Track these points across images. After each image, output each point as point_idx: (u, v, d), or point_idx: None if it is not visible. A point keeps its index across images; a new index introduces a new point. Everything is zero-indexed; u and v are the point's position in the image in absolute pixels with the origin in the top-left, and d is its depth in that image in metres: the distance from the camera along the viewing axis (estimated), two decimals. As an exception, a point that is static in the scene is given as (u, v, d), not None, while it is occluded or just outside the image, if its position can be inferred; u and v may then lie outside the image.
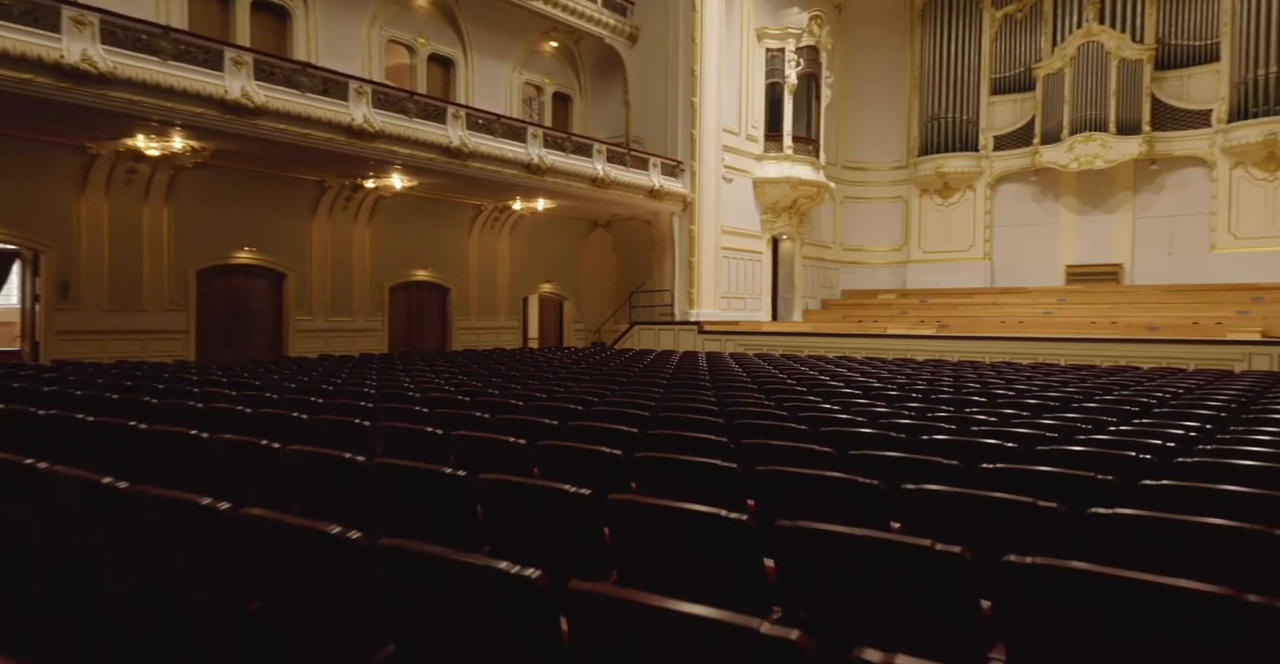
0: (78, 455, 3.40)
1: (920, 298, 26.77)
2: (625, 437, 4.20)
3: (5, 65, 10.04)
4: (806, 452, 3.78)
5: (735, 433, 4.60)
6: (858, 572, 2.17)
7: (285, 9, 16.31)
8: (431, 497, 2.79)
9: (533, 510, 2.55)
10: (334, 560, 1.92)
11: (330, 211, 16.76)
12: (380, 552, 1.85)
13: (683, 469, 3.21)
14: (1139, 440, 4.36)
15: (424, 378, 9.37)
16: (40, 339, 13.14)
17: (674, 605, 1.46)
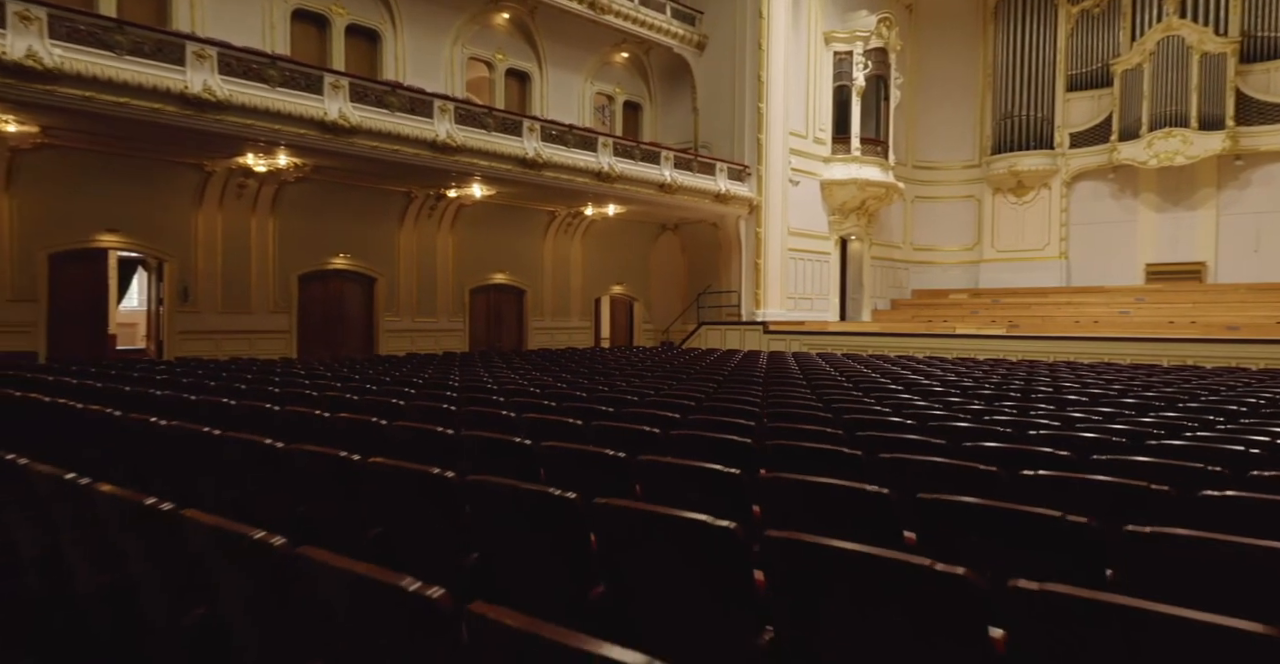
0: (240, 428, 4.32)
1: (992, 297, 26.60)
2: (667, 420, 4.93)
3: (140, 96, 11.42)
4: (831, 453, 4.28)
5: (763, 422, 5.26)
6: (851, 588, 1.94)
7: (376, 32, 17.61)
8: (505, 457, 3.57)
9: (580, 467, 3.31)
10: (435, 491, 2.72)
11: (416, 220, 17.99)
12: (469, 486, 2.64)
13: (707, 444, 3.91)
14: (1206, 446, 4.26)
15: (501, 373, 10.29)
16: (164, 339, 14.68)
17: (673, 512, 2.18)
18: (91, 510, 2.48)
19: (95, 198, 13.57)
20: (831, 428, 4.66)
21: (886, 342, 20.23)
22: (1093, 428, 4.93)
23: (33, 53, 10.47)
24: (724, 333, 22.30)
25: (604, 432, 4.38)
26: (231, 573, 1.96)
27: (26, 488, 2.86)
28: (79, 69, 10.85)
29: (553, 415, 5.13)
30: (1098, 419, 5.59)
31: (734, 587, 2.09)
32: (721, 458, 3.38)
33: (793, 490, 2.81)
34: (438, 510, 2.71)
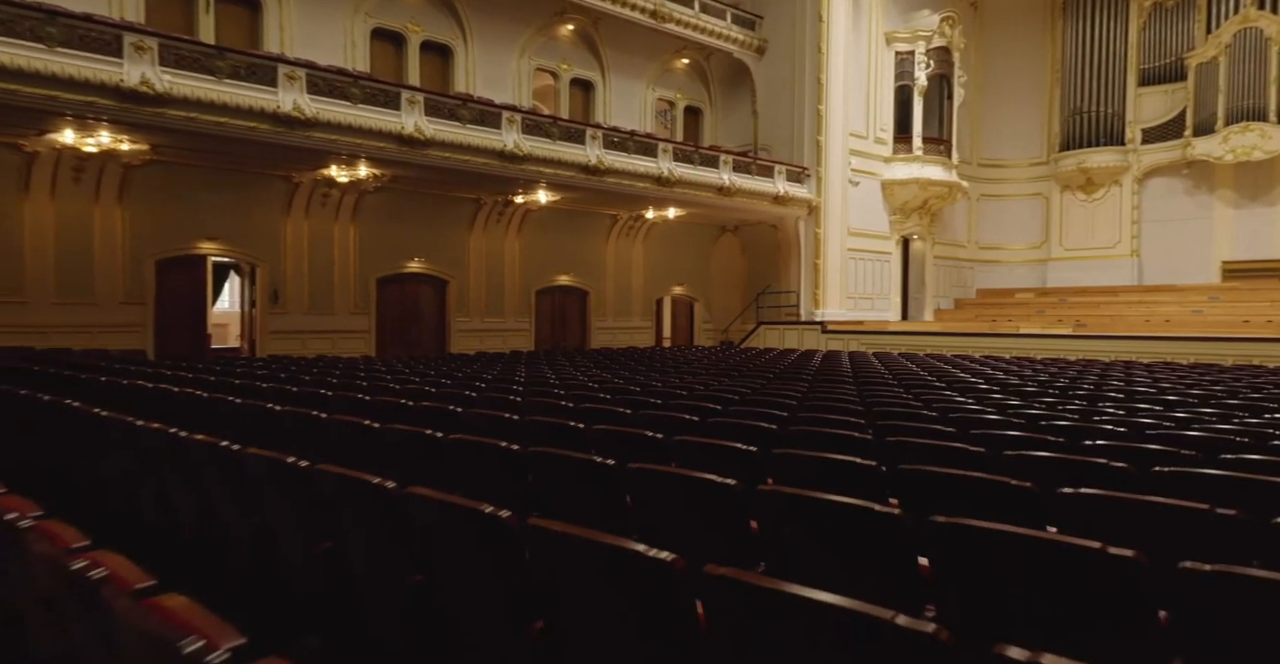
0: (338, 413, 5.05)
1: (1060, 296, 26.22)
2: (708, 410, 5.48)
3: (237, 116, 12.50)
4: (845, 438, 4.85)
5: (796, 414, 5.76)
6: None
7: (448, 47, 18.58)
8: (562, 437, 4.18)
9: (623, 445, 3.89)
10: (503, 460, 3.35)
11: (485, 225, 18.89)
12: (531, 455, 3.25)
13: (737, 429, 4.46)
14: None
15: (563, 370, 10.97)
16: (256, 338, 15.87)
17: (686, 472, 2.75)
18: (239, 470, 3.19)
19: (196, 208, 14.79)
20: (856, 418, 5.14)
21: (947, 341, 20.27)
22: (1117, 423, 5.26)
23: (146, 79, 11.61)
24: (782, 332, 22.64)
25: (650, 419, 4.96)
26: (353, 511, 2.60)
27: (183, 455, 3.60)
28: (185, 93, 11.96)
29: (606, 405, 5.74)
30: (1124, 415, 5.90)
31: (733, 526, 2.64)
32: (748, 441, 3.92)
33: (799, 463, 3.33)
34: (507, 474, 3.33)
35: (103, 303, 13.97)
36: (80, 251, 13.73)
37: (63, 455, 4.36)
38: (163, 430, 3.64)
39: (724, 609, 1.64)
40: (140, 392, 6.23)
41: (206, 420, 4.55)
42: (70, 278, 13.65)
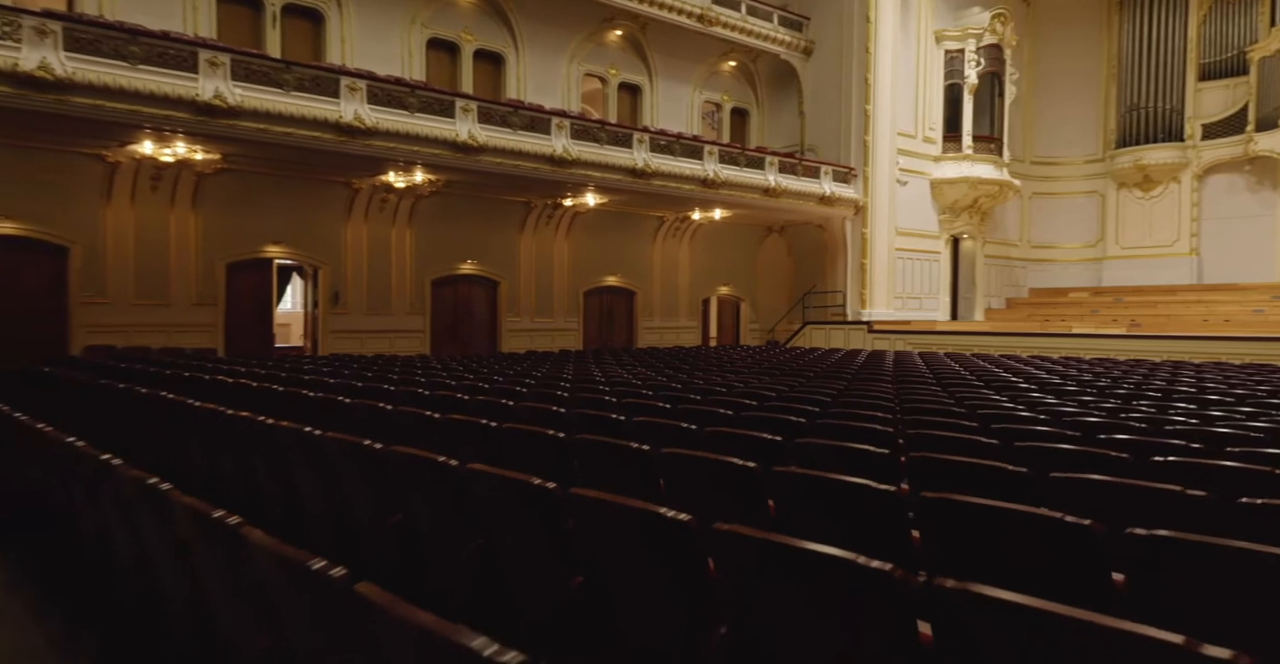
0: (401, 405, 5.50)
1: (1115, 296, 25.77)
2: (743, 405, 5.79)
3: (303, 126, 13.18)
4: (867, 430, 5.13)
5: (828, 409, 6.03)
6: (992, 539, 2.27)
7: (500, 55, 19.15)
8: (604, 428, 4.55)
9: (658, 435, 4.23)
10: (551, 448, 3.72)
11: (535, 227, 19.41)
12: (576, 443, 3.62)
13: (768, 422, 4.76)
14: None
15: (609, 369, 11.35)
16: (318, 337, 16.62)
17: (714, 456, 3.08)
18: (319, 453, 3.62)
19: (263, 214, 15.57)
20: (884, 413, 5.40)
21: (996, 341, 20.14)
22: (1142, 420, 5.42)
23: (219, 93, 12.34)
24: (828, 332, 22.72)
25: (687, 413, 5.29)
26: (421, 486, 3.00)
27: (269, 440, 4.06)
28: (255, 105, 12.67)
29: (647, 401, 6.09)
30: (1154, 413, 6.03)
31: (752, 503, 2.97)
32: (775, 432, 4.23)
33: (818, 451, 3.63)
34: (554, 458, 3.70)
35: (177, 304, 14.82)
36: (157, 255, 14.59)
37: (163, 442, 4.87)
38: (251, 418, 4.10)
39: (729, 560, 1.97)
40: (222, 385, 6.79)
41: (284, 411, 5.02)
42: (148, 280, 14.51)
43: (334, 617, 1.51)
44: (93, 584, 3.23)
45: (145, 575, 2.55)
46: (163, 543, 2.30)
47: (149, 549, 2.46)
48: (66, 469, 3.13)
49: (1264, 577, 1.79)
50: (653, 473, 3.30)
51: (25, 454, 3.86)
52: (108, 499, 2.72)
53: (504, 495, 2.62)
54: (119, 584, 2.81)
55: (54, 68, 11.00)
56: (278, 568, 1.70)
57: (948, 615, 1.57)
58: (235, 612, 1.99)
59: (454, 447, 4.30)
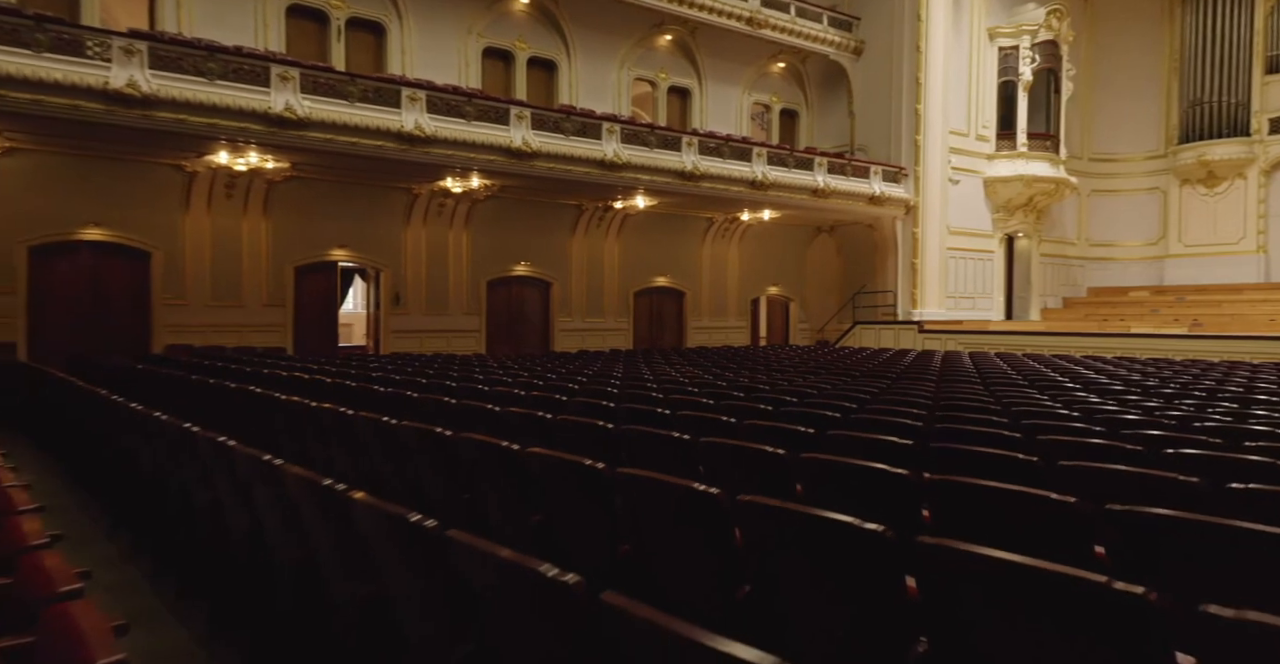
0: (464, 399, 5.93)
1: (1177, 295, 25.16)
2: (783, 401, 6.08)
3: (366, 136, 13.83)
4: (897, 424, 5.36)
5: (866, 405, 6.28)
6: (989, 514, 2.49)
7: (553, 62, 19.66)
8: (650, 420, 4.90)
9: (700, 427, 4.56)
10: (600, 438, 4.10)
11: (586, 229, 19.87)
12: (624, 433, 3.98)
13: (804, 416, 5.06)
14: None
15: (658, 367, 11.70)
16: (380, 337, 17.33)
17: (750, 445, 3.41)
18: (394, 440, 4.05)
19: (328, 219, 16.32)
20: (920, 409, 5.64)
21: (1050, 341, 19.92)
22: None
23: (289, 106, 13.05)
24: (878, 332, 22.71)
25: (729, 408, 5.60)
26: (487, 467, 3.39)
27: (348, 429, 4.50)
28: (322, 116, 13.36)
29: (692, 397, 6.42)
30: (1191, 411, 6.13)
31: (782, 486, 3.28)
32: (809, 425, 4.53)
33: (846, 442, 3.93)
34: (603, 446, 4.07)
35: (249, 305, 15.64)
36: (231, 259, 15.43)
37: (254, 432, 5.38)
38: (334, 409, 4.56)
39: (752, 528, 2.31)
40: (299, 381, 7.33)
41: (358, 404, 5.49)
42: (222, 283, 15.36)
43: (427, 558, 1.89)
44: (202, 554, 3.70)
45: (256, 541, 2.98)
46: (275, 510, 2.72)
47: (261, 517, 2.90)
48: (183, 453, 3.60)
49: (1217, 541, 2.05)
50: (692, 459, 3.64)
51: (140, 440, 4.37)
52: (223, 477, 3.17)
53: (559, 475, 2.99)
54: (230, 551, 3.26)
55: (140, 85, 11.80)
56: (379, 523, 2.09)
57: (929, 569, 1.88)
58: (339, 564, 2.40)
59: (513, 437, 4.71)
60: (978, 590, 1.77)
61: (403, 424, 3.91)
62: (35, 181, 13.50)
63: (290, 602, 2.70)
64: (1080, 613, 1.54)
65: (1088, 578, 1.49)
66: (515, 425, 4.68)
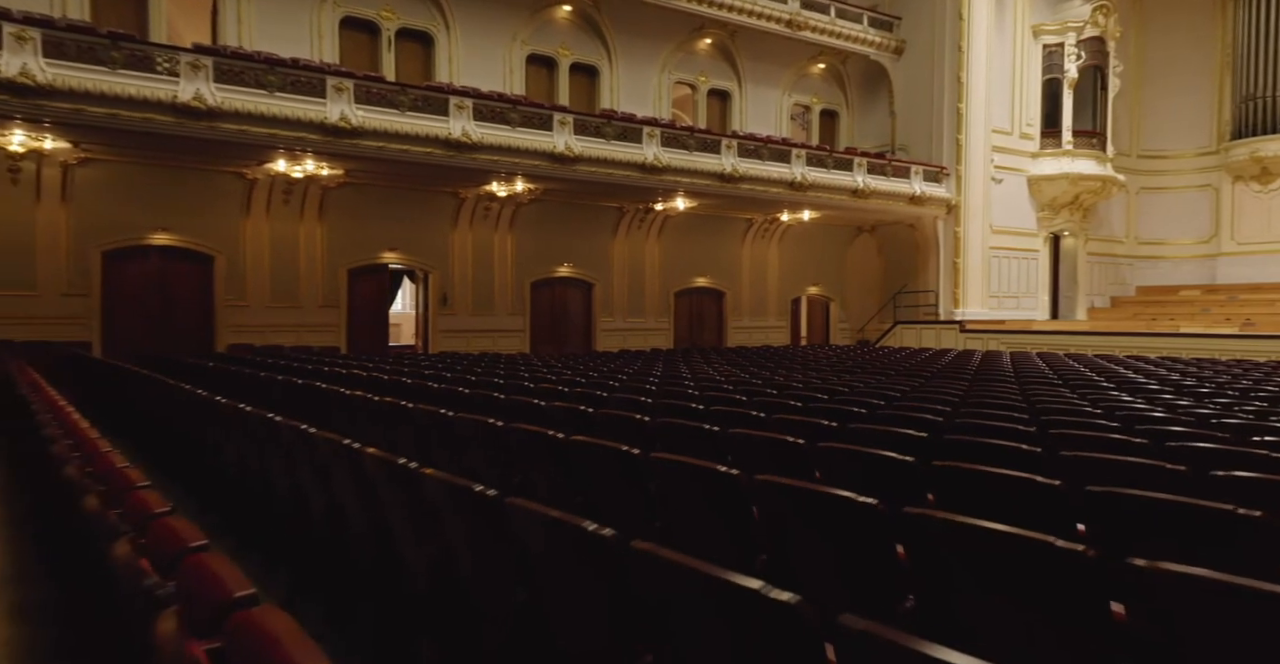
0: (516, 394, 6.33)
1: (1230, 294, 24.67)
2: (811, 397, 6.37)
3: (416, 143, 14.38)
4: (918, 419, 5.57)
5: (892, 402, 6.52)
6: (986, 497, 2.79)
7: (594, 68, 20.08)
8: (685, 414, 5.25)
9: (730, 421, 4.89)
10: (637, 429, 4.46)
11: (627, 231, 20.26)
12: (659, 425, 4.33)
13: (828, 412, 5.35)
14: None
15: (696, 366, 12.02)
16: (429, 336, 17.93)
17: (772, 435, 3.74)
18: (451, 430, 4.44)
19: (379, 223, 16.95)
20: (944, 406, 5.88)
21: (1094, 341, 19.74)
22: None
23: (344, 116, 13.65)
24: (919, 332, 22.70)
25: (760, 404, 5.91)
26: (535, 454, 3.76)
27: (407, 420, 4.92)
28: (374, 125, 13.94)
29: (726, 394, 6.74)
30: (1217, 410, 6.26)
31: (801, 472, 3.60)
32: (832, 419, 4.82)
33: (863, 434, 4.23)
34: (640, 437, 4.42)
35: (305, 306, 16.34)
36: (288, 262, 16.14)
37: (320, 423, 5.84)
38: (395, 403, 4.98)
39: (767, 504, 2.63)
40: (359, 377, 7.83)
41: (415, 398, 5.92)
42: (280, 285, 16.08)
43: (489, 522, 2.26)
44: (284, 530, 4.14)
45: (334, 516, 3.40)
46: (352, 488, 3.13)
47: (339, 494, 3.31)
48: (267, 440, 4.04)
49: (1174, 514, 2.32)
50: (720, 448, 3.96)
51: (224, 429, 4.84)
52: (303, 460, 3.60)
53: (600, 459, 3.35)
54: (310, 526, 3.68)
55: (206, 98, 12.48)
56: (447, 494, 2.46)
57: (914, 538, 2.19)
58: (410, 532, 2.79)
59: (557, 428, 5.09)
60: (954, 552, 2.08)
61: (459, 415, 4.30)
62: (108, 190, 14.32)
63: (368, 565, 3.09)
64: (1033, 568, 1.84)
65: (1035, 537, 1.79)
66: (559, 418, 5.05)
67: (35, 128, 12.28)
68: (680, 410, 5.30)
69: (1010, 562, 1.93)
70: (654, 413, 5.24)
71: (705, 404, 5.58)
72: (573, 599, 2.03)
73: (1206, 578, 1.60)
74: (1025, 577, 1.89)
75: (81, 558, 2.57)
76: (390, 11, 17.25)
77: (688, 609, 1.64)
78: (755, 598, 1.42)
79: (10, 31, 11.06)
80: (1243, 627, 1.60)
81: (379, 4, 17.13)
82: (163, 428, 6.59)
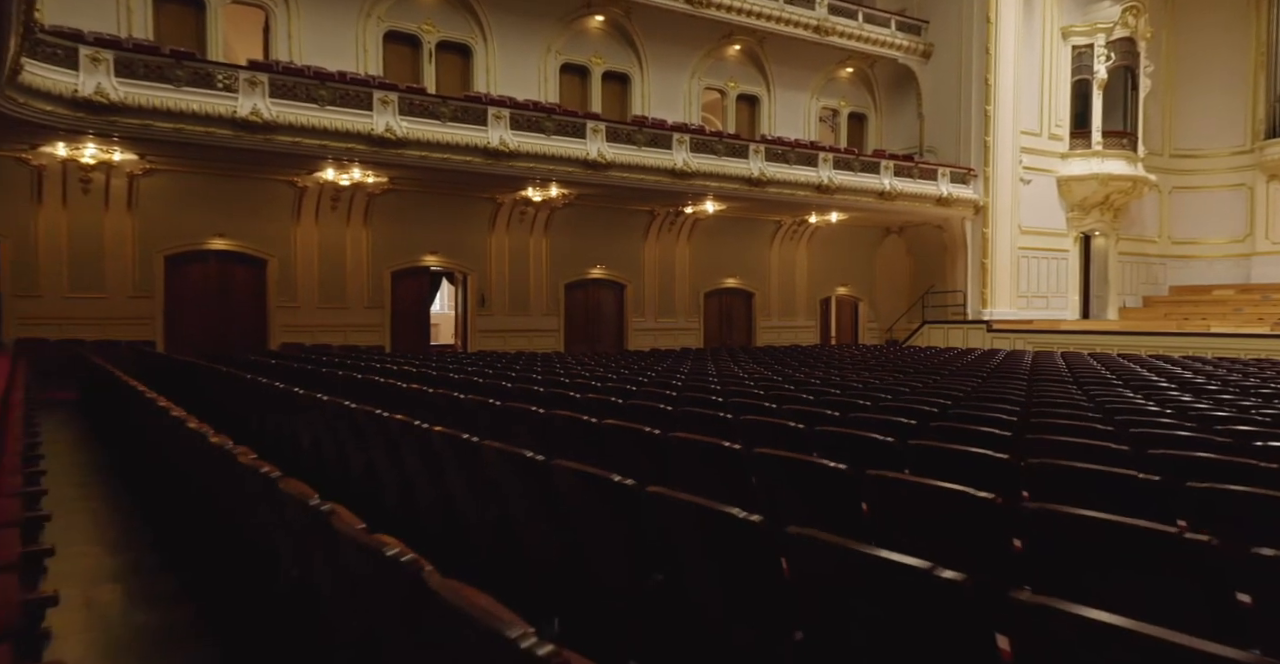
0: (553, 387, 6.95)
1: (1264, 293, 24.57)
2: (828, 393, 6.91)
3: (456, 152, 15.11)
4: (915, 410, 6.10)
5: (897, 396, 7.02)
6: (946, 470, 4.57)
7: (626, 75, 20.71)
8: (702, 403, 5.83)
9: (744, 410, 5.47)
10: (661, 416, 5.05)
11: (658, 233, 20.86)
12: (682, 414, 4.93)
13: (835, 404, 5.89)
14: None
15: (723, 364, 12.58)
16: (468, 336, 18.69)
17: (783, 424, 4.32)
18: (499, 418, 5.06)
19: (421, 227, 17.74)
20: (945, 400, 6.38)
21: (1122, 341, 19.88)
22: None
23: (389, 127, 14.42)
24: (946, 331, 22.98)
25: (775, 396, 6.48)
26: (571, 436, 4.37)
27: (457, 409, 5.55)
28: (417, 136, 14.69)
29: (746, 388, 7.32)
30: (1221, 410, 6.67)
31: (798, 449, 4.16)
32: (835, 409, 5.36)
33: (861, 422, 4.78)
34: (664, 423, 5.01)
35: (352, 307, 17.18)
36: (336, 265, 16.99)
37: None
38: (446, 394, 5.62)
39: (763, 473, 3.21)
40: (408, 372, 8.53)
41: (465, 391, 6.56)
42: (328, 287, 16.94)
43: (538, 482, 2.87)
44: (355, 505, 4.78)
45: (404, 489, 4.03)
46: (421, 463, 3.76)
47: (408, 469, 3.94)
48: (340, 422, 4.70)
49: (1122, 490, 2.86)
50: (734, 433, 4.54)
51: (297, 415, 5.52)
52: (377, 440, 4.24)
53: (626, 438, 3.95)
54: (383, 497, 4.32)
55: (262, 112, 13.32)
56: (504, 463, 3.08)
57: (877, 495, 2.76)
58: (471, 498, 3.41)
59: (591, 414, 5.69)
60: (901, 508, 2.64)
61: (507, 404, 4.93)
62: (170, 198, 15.26)
63: (439, 528, 3.72)
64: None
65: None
66: (593, 407, 5.66)
67: (105, 142, 13.21)
68: (701, 401, 5.88)
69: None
70: (677, 403, 5.83)
71: (725, 396, 6.16)
72: (602, 537, 2.62)
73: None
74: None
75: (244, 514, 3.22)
76: (431, 25, 18.04)
77: (685, 534, 2.23)
78: (732, 520, 2.01)
79: (86, 54, 11.96)
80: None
81: (420, 18, 17.92)
82: (238, 418, 7.32)
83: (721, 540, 2.08)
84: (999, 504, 2.50)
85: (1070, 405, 6.32)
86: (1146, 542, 2.14)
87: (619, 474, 3.71)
